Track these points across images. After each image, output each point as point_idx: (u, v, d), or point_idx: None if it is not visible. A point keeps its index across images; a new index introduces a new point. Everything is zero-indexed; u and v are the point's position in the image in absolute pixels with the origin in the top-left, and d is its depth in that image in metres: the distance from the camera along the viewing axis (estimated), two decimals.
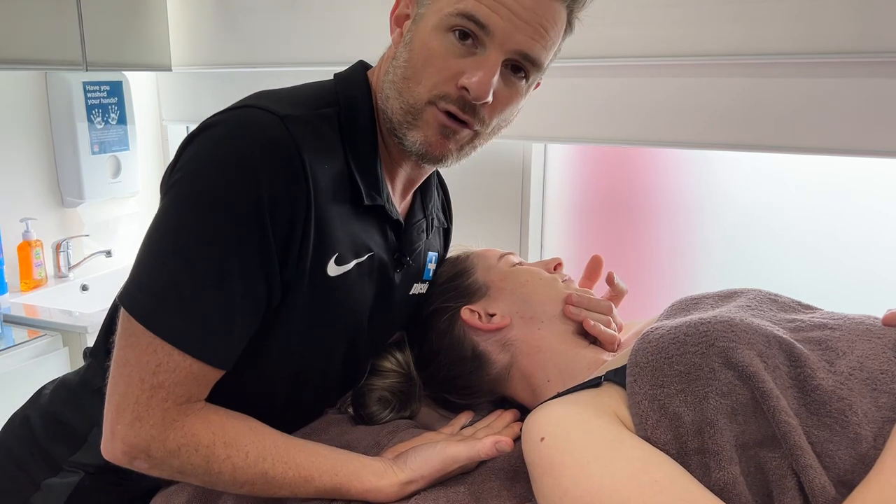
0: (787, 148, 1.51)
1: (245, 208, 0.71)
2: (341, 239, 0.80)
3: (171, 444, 0.72)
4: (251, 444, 0.76)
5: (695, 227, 1.76)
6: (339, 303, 0.83)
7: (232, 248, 0.72)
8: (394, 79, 0.81)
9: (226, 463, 0.75)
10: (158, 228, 0.74)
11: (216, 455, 0.74)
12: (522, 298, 0.94)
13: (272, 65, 2.15)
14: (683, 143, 1.62)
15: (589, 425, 0.72)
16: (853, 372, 0.70)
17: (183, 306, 0.71)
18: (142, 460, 0.73)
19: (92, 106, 2.14)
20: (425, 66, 0.78)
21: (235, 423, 0.77)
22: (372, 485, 0.80)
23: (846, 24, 1.37)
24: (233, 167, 0.72)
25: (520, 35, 0.76)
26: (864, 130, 1.40)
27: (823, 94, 1.44)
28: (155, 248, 0.73)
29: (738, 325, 0.73)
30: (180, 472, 0.75)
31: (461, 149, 0.83)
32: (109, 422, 0.73)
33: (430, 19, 0.78)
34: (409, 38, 0.80)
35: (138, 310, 0.71)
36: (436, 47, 0.77)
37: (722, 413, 0.68)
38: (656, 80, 1.60)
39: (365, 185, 0.82)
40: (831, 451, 0.66)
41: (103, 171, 2.20)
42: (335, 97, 0.83)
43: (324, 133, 0.79)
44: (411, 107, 0.79)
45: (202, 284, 0.71)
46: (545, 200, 1.91)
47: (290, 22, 2.09)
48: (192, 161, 0.74)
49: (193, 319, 0.71)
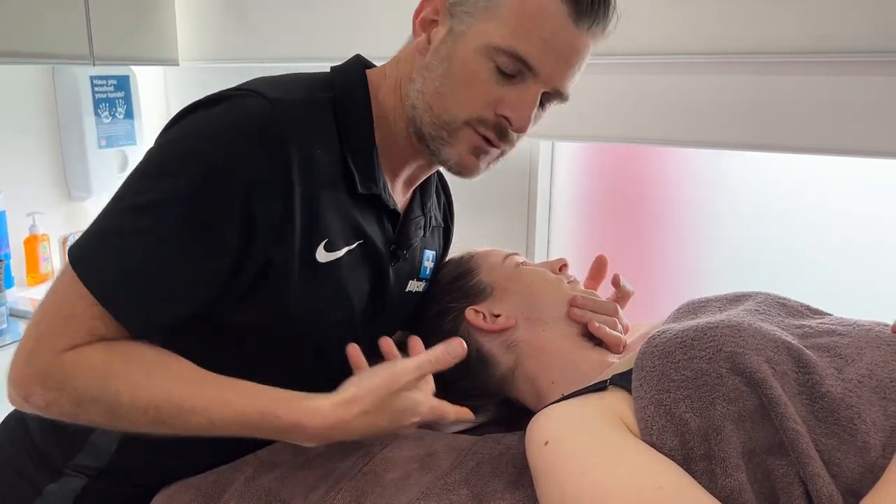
0: (802, 148, 1.49)
1: (213, 183, 0.72)
2: (333, 225, 0.80)
3: (67, 366, 0.69)
4: (156, 363, 0.72)
5: (703, 227, 1.75)
6: (329, 288, 0.82)
7: (186, 216, 0.71)
8: (423, 89, 0.81)
9: (123, 381, 0.69)
10: (125, 182, 0.75)
11: (113, 371, 0.69)
12: (527, 299, 0.93)
13: (282, 60, 2.14)
14: (695, 142, 1.60)
15: (593, 430, 0.72)
16: (862, 380, 0.69)
17: (116, 258, 0.71)
18: (37, 394, 0.70)
19: (99, 100, 2.14)
20: (465, 87, 0.79)
21: (141, 346, 0.73)
22: (306, 406, 0.72)
23: (862, 23, 1.35)
24: (212, 141, 0.73)
25: (559, 74, 0.80)
26: (882, 131, 1.38)
27: (840, 94, 1.42)
28: (114, 198, 0.74)
29: (745, 329, 0.73)
30: (77, 403, 0.70)
31: (489, 165, 0.86)
32: (13, 358, 0.71)
33: (474, 41, 0.78)
34: (446, 52, 0.80)
35: (75, 249, 0.72)
36: (479, 72, 0.78)
37: (729, 419, 0.68)
38: (667, 77, 1.59)
39: (359, 172, 0.82)
40: (839, 460, 0.65)
41: (110, 166, 2.20)
42: (330, 85, 0.84)
43: (317, 118, 0.80)
44: (446, 124, 0.81)
45: (143, 241, 0.71)
46: (552, 199, 1.90)
47: (300, 16, 2.07)
48: (173, 132, 0.76)
49: (122, 273, 0.71)
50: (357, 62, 0.89)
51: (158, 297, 0.73)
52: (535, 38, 0.76)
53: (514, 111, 0.79)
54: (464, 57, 0.79)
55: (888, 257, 1.55)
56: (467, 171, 0.84)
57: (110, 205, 0.75)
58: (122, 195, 0.74)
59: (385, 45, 0.91)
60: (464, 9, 0.79)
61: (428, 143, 0.83)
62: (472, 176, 0.86)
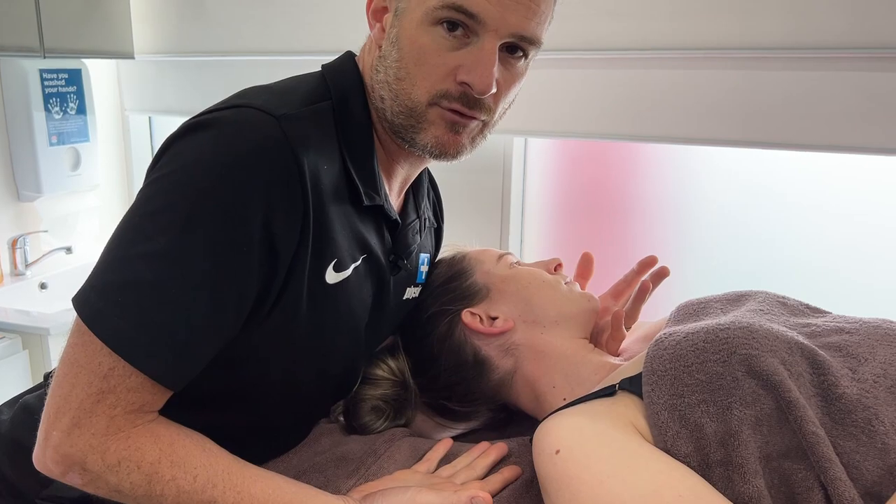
0: (774, 144, 1.50)
1: (230, 215, 0.66)
2: (340, 243, 0.76)
3: (111, 458, 0.65)
4: (201, 466, 0.69)
5: (675, 223, 1.75)
6: (337, 311, 0.78)
7: (208, 255, 0.65)
8: (386, 79, 0.76)
9: (170, 485, 0.67)
10: (129, 222, 0.67)
11: (160, 475, 0.67)
12: (525, 301, 0.91)
13: (242, 53, 2.07)
14: (668, 138, 1.60)
15: (606, 437, 0.69)
16: (878, 380, 0.68)
17: (140, 312, 0.64)
18: (76, 473, 0.66)
19: (49, 95, 2.04)
20: (418, 64, 0.74)
21: (187, 441, 0.70)
22: None
23: (838, 18, 1.36)
24: (222, 168, 0.66)
25: (512, 17, 0.72)
26: (853, 127, 1.40)
27: (813, 89, 1.43)
28: (120, 243, 0.67)
29: (758, 331, 0.71)
30: (117, 491, 0.67)
31: (473, 140, 0.80)
32: (45, 426, 0.66)
33: (415, 13, 0.74)
34: (395, 35, 0.76)
35: (89, 309, 0.65)
36: (426, 43, 0.73)
37: (746, 423, 0.66)
38: (641, 72, 1.58)
39: (363, 183, 0.78)
40: (858, 462, 0.64)
41: (62, 164, 2.10)
42: (327, 91, 0.78)
43: (320, 130, 0.74)
44: (411, 110, 0.76)
45: (166, 290, 0.64)
46: (525, 195, 1.88)
47: (260, 8, 2.01)
48: (178, 159, 0.68)
49: (149, 329, 0.64)
50: (349, 61, 0.83)
51: (196, 348, 0.67)
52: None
53: (471, 73, 0.72)
54: (410, 34, 0.74)
55: (865, 251, 1.57)
56: (451, 151, 0.78)
57: (118, 252, 0.67)
58: (132, 240, 0.66)
59: (347, 38, 0.86)
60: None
61: (402, 136, 0.78)
62: (458, 155, 0.79)
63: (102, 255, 0.68)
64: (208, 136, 0.69)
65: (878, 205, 1.53)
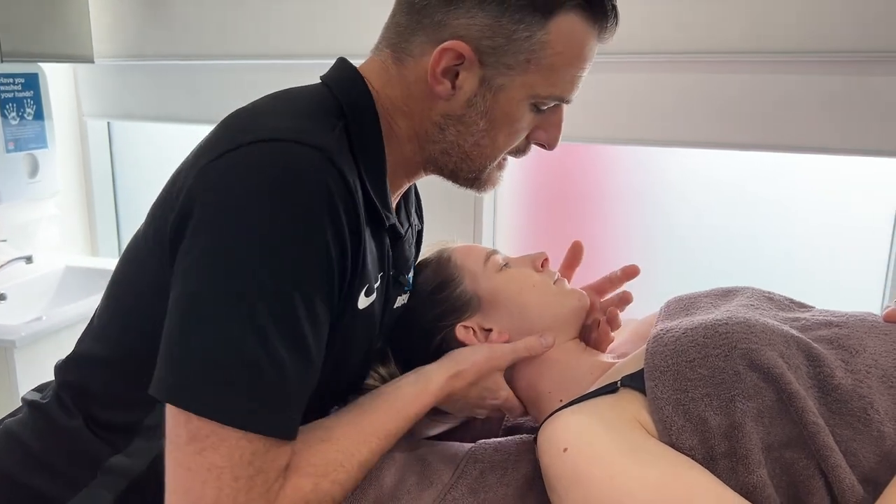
0: (747, 145, 1.55)
1: (312, 265, 0.65)
2: (370, 269, 0.75)
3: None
4: (340, 454, 0.72)
5: (643, 220, 1.79)
6: (356, 334, 0.78)
7: (308, 319, 0.65)
8: (459, 141, 0.80)
9: (333, 488, 0.71)
10: (194, 299, 0.63)
11: (322, 489, 0.70)
12: (518, 311, 0.90)
13: (205, 58, 2.03)
14: (639, 140, 1.64)
15: (612, 433, 0.71)
16: (870, 370, 0.71)
17: (266, 387, 0.63)
18: None
19: (5, 100, 1.98)
20: (507, 135, 0.80)
21: (318, 447, 0.71)
22: (423, 399, 0.80)
23: (848, 23, 1.40)
24: (293, 218, 0.64)
25: None
26: (851, 130, 1.44)
27: (802, 93, 1.47)
28: (200, 324, 0.63)
29: (756, 325, 0.73)
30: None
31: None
32: None
33: (517, 92, 0.76)
34: (484, 107, 0.77)
35: (212, 408, 0.61)
36: (522, 119, 0.79)
37: (749, 416, 0.68)
38: (617, 76, 1.61)
39: (381, 203, 0.76)
40: (855, 450, 0.67)
41: (19, 171, 2.04)
42: (339, 108, 0.76)
43: (344, 153, 0.71)
44: (485, 167, 0.83)
45: (281, 359, 0.63)
46: (497, 192, 1.88)
47: (224, 12, 1.98)
48: (228, 209, 0.64)
49: (278, 400, 0.64)
50: (358, 78, 0.80)
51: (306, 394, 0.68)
52: (574, 77, 0.78)
53: (548, 135, 0.83)
54: (508, 111, 0.78)
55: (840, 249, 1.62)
56: (493, 188, 0.87)
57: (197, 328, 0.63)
58: (213, 315, 0.63)
59: (313, 43, 0.86)
60: (502, 60, 0.75)
61: (460, 183, 0.85)
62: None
63: (185, 335, 0.63)
64: (260, 183, 0.64)
65: (852, 205, 1.59)
